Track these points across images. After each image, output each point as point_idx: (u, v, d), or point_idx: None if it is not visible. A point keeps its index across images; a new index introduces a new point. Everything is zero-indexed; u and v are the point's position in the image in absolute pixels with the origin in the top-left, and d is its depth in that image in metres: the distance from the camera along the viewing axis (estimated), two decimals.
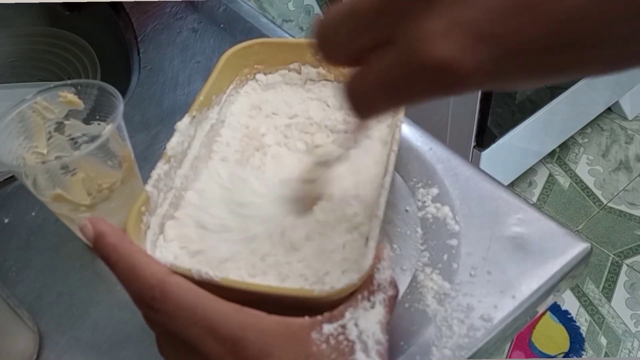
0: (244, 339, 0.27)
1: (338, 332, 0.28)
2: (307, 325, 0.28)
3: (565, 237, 0.39)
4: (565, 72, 0.21)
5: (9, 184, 0.49)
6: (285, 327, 0.28)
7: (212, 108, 0.43)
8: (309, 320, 0.29)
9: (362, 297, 0.30)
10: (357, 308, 0.29)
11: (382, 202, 0.34)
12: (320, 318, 0.29)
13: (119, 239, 0.30)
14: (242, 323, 0.28)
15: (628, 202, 1.44)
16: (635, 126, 1.61)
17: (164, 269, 0.30)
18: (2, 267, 0.43)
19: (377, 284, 0.30)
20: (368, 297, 0.30)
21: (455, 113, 1.19)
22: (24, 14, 0.70)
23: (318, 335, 0.28)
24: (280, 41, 0.48)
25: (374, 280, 0.31)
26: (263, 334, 0.27)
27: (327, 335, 0.28)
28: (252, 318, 0.28)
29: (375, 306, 0.30)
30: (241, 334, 0.27)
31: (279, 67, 0.47)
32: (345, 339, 0.28)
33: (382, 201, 0.34)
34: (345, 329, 0.29)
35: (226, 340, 0.27)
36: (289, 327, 0.28)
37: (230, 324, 0.28)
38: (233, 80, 0.46)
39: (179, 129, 0.39)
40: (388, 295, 0.31)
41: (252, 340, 0.27)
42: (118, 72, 0.62)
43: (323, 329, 0.28)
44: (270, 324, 0.28)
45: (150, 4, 0.64)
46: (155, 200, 0.36)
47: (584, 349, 1.20)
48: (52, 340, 0.39)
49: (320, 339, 0.28)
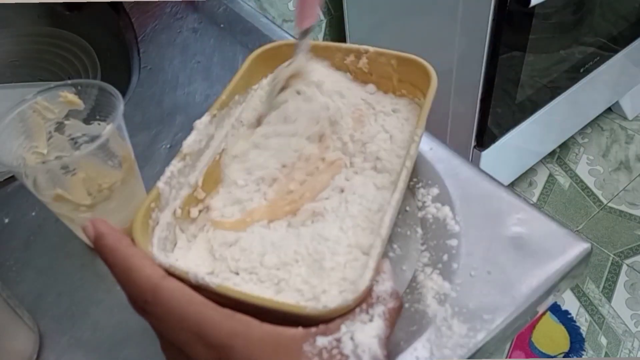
0: (232, 347, 0.27)
1: (332, 345, 0.27)
2: (299, 337, 0.28)
3: (565, 237, 0.39)
4: None
5: (9, 184, 0.49)
6: (276, 338, 0.27)
7: (235, 107, 0.43)
8: (301, 332, 0.28)
9: (360, 310, 0.29)
10: (354, 321, 0.29)
11: (387, 220, 0.33)
12: (314, 330, 0.28)
13: (117, 240, 0.30)
14: (232, 331, 0.27)
15: (628, 202, 1.44)
16: (635, 126, 1.61)
17: (159, 272, 0.29)
18: (2, 267, 0.43)
19: (376, 296, 0.30)
20: (366, 310, 0.29)
21: (456, 113, 1.19)
22: (24, 14, 0.70)
23: (310, 347, 0.27)
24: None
25: (373, 293, 0.30)
26: (251, 343, 0.27)
27: (320, 349, 0.27)
28: (242, 326, 0.27)
29: (374, 319, 0.29)
30: (229, 342, 0.27)
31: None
32: (339, 353, 0.27)
33: (387, 219, 0.33)
34: (340, 342, 0.28)
35: (214, 347, 0.27)
36: (280, 337, 0.27)
37: (219, 331, 0.27)
38: (258, 81, 0.46)
39: (197, 128, 0.39)
40: (388, 307, 0.30)
41: (239, 349, 0.27)
42: (118, 72, 0.62)
43: (316, 342, 0.27)
44: (260, 334, 0.27)
45: (150, 4, 0.64)
46: (166, 197, 0.36)
47: (584, 349, 1.20)
48: (52, 340, 0.39)
49: (312, 352, 0.27)
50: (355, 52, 0.45)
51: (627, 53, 1.37)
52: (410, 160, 0.37)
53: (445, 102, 1.18)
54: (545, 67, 1.21)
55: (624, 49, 1.35)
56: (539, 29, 1.08)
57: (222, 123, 0.42)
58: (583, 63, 1.27)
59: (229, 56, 0.59)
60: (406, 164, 0.37)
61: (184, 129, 0.51)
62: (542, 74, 1.21)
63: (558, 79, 1.25)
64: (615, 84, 1.46)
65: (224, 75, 0.57)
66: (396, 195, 0.34)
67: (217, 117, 0.41)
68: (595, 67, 1.31)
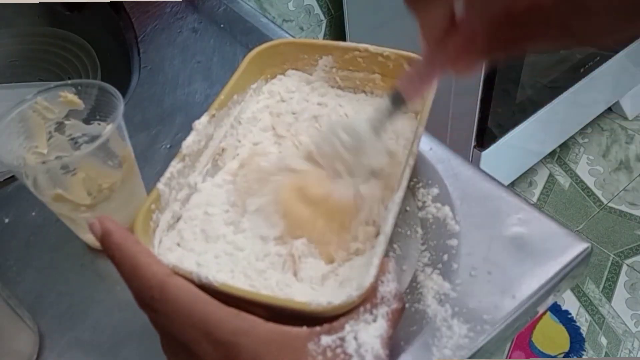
0: (238, 344, 0.27)
1: (336, 344, 0.28)
2: (303, 336, 0.28)
3: (565, 237, 0.39)
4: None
5: (9, 184, 0.48)
6: (281, 336, 0.28)
7: (234, 107, 0.43)
8: (306, 331, 0.28)
9: (364, 309, 0.29)
10: (358, 321, 0.29)
11: (390, 218, 0.33)
12: (318, 329, 0.28)
13: (124, 238, 0.30)
14: (237, 329, 0.27)
15: (628, 202, 1.44)
16: (635, 126, 1.61)
17: (165, 270, 0.30)
18: (2, 267, 0.43)
19: (380, 296, 0.30)
20: (370, 310, 0.29)
21: (456, 113, 1.19)
22: (24, 14, 0.70)
23: (315, 346, 0.28)
24: (306, 42, 0.48)
25: (377, 293, 0.30)
26: (257, 341, 0.27)
27: (324, 347, 0.28)
28: (248, 324, 0.28)
29: (377, 319, 0.29)
30: (235, 339, 0.27)
31: (304, 68, 0.47)
32: (343, 352, 0.28)
33: (390, 217, 0.33)
34: (344, 341, 0.28)
35: (220, 345, 0.27)
36: (285, 336, 0.28)
37: (225, 329, 0.27)
38: (257, 80, 0.46)
39: (196, 128, 0.39)
40: (392, 308, 0.30)
41: (245, 347, 0.27)
42: (118, 72, 0.62)
43: (321, 341, 0.28)
44: (266, 332, 0.28)
45: (150, 4, 0.64)
46: (166, 198, 0.36)
47: (584, 349, 1.20)
48: (52, 340, 0.39)
49: (316, 351, 0.27)
50: (353, 50, 0.45)
51: (627, 53, 1.37)
52: (412, 158, 0.37)
53: (445, 102, 1.18)
54: (545, 67, 1.21)
55: (624, 49, 1.35)
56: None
57: (221, 122, 0.42)
58: (583, 63, 1.27)
59: (229, 56, 0.59)
60: (409, 161, 0.37)
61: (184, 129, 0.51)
62: (542, 74, 1.21)
63: (558, 79, 1.25)
64: (615, 84, 1.46)
65: (224, 75, 0.57)
66: (399, 194, 0.35)
67: (216, 117, 0.41)
68: (595, 67, 1.30)
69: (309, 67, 0.47)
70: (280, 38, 0.50)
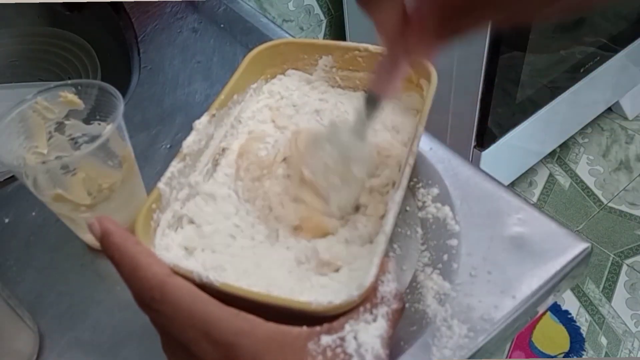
0: (238, 345, 0.27)
1: (336, 344, 0.28)
2: (304, 336, 0.28)
3: (565, 237, 0.39)
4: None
5: (9, 184, 0.48)
6: (281, 336, 0.28)
7: (234, 107, 0.43)
8: (306, 330, 0.28)
9: (365, 309, 0.29)
10: (358, 321, 0.29)
11: (390, 217, 0.33)
12: (318, 329, 0.28)
13: (124, 238, 0.30)
14: (238, 329, 0.27)
15: (628, 202, 1.44)
16: (635, 126, 1.61)
17: (166, 270, 0.30)
18: (2, 267, 0.43)
19: (380, 296, 0.30)
20: (370, 310, 0.29)
21: (456, 113, 1.19)
22: (24, 14, 0.70)
23: (315, 346, 0.28)
24: (307, 42, 0.48)
25: (377, 293, 0.30)
26: (257, 341, 0.27)
27: (325, 347, 0.28)
28: (248, 324, 0.28)
29: (377, 319, 0.29)
30: (235, 340, 0.27)
31: (304, 68, 0.47)
32: (343, 351, 0.28)
33: (390, 216, 0.33)
34: (344, 341, 0.28)
35: (220, 345, 0.27)
36: (285, 336, 0.28)
37: (225, 329, 0.27)
38: (257, 80, 0.46)
39: (197, 128, 0.39)
40: (392, 308, 0.30)
41: (245, 347, 0.27)
42: (118, 72, 0.62)
43: (321, 340, 0.28)
44: (266, 332, 0.28)
45: (150, 4, 0.64)
46: (167, 198, 0.37)
47: (584, 349, 1.20)
48: (52, 340, 0.39)
49: (316, 350, 0.27)
50: (353, 50, 0.45)
51: (627, 53, 1.37)
52: (412, 157, 0.37)
53: (445, 102, 1.18)
54: (545, 67, 1.21)
55: (624, 49, 1.35)
56: (539, 29, 1.08)
57: (221, 122, 0.42)
58: (583, 63, 1.27)
59: (229, 56, 0.59)
60: (409, 161, 0.37)
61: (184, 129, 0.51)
62: (542, 74, 1.21)
63: (558, 79, 1.25)
64: (615, 84, 1.46)
65: (223, 75, 0.57)
66: (400, 192, 0.35)
67: (216, 117, 0.41)
68: (595, 67, 1.30)
69: (309, 67, 0.47)
70: (280, 38, 0.50)
